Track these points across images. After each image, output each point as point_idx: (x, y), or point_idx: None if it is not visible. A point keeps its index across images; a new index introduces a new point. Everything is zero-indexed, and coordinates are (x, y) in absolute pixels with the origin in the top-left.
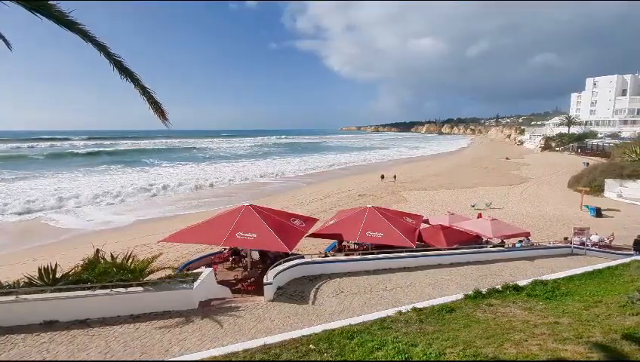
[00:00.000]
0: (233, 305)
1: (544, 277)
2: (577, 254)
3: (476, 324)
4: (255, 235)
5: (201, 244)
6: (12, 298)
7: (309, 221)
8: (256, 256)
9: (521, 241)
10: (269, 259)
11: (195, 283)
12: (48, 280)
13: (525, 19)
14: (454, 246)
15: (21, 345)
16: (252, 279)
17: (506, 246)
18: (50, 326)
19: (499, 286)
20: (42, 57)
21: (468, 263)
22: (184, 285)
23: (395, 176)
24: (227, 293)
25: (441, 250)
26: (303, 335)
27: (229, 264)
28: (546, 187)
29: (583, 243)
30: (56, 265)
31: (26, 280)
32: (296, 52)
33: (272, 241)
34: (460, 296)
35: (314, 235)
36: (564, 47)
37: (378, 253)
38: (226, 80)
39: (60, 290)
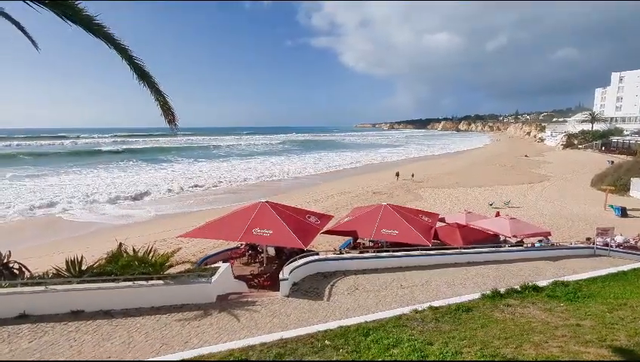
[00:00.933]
0: (250, 299)
1: (565, 278)
2: (600, 255)
3: (494, 324)
4: (271, 231)
5: (219, 240)
6: (42, 288)
7: (324, 218)
8: (272, 251)
9: (540, 241)
10: (284, 255)
11: (213, 278)
12: (75, 271)
13: (545, 11)
14: (471, 246)
15: (51, 333)
16: (268, 274)
17: (525, 245)
18: (76, 315)
19: (517, 287)
20: (67, 55)
21: (485, 262)
22: (202, 279)
23: (412, 175)
24: (244, 288)
25: (457, 249)
26: (319, 331)
27: (246, 259)
28: (567, 186)
29: (606, 244)
30: (82, 257)
31: (55, 272)
32: (312, 49)
33: (288, 238)
34: (477, 295)
35: (329, 232)
36: (586, 40)
37: (393, 251)
38: (242, 78)
39: (86, 282)
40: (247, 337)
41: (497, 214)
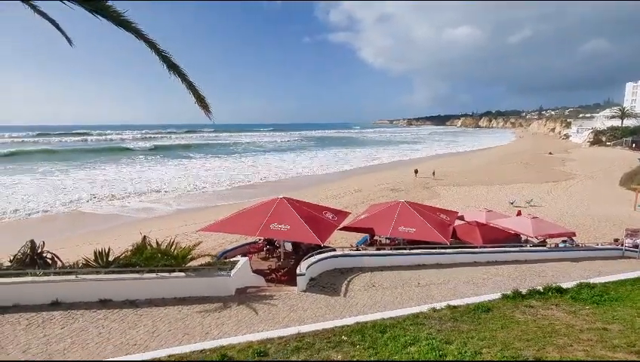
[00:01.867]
0: (267, 293)
1: (591, 280)
2: (630, 257)
3: (515, 325)
4: (288, 227)
5: (237, 234)
6: (73, 277)
7: (341, 214)
8: (289, 247)
9: (564, 241)
10: (301, 251)
11: (232, 271)
12: (103, 262)
13: (572, 2)
14: (491, 245)
15: (81, 320)
16: (285, 269)
17: (548, 246)
18: (104, 304)
19: (540, 288)
20: (96, 52)
21: (506, 262)
22: (222, 272)
23: (433, 173)
24: (262, 282)
25: (476, 248)
26: (336, 326)
27: (264, 254)
28: (594, 184)
29: (636, 246)
30: (109, 249)
31: (84, 262)
32: (330, 45)
33: (305, 233)
34: (497, 295)
35: (346, 228)
36: (618, 31)
37: (411, 249)
38: (260, 75)
39: (113, 272)
40: (265, 330)
41: (519, 213)
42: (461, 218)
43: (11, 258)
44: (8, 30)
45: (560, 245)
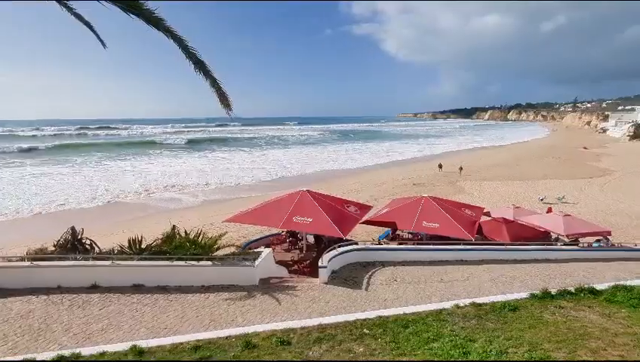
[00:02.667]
0: (290, 284)
1: (628, 283)
2: None
3: (543, 326)
4: (311, 220)
5: (262, 226)
6: (109, 263)
7: (364, 208)
8: (311, 239)
9: (599, 241)
10: (323, 243)
11: (257, 262)
12: (136, 249)
13: None
14: (519, 242)
15: (116, 303)
16: (307, 261)
17: (581, 245)
18: (137, 289)
19: (571, 288)
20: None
21: (534, 261)
22: (247, 263)
23: (460, 168)
24: (284, 273)
25: (503, 245)
26: (358, 319)
27: (286, 246)
28: (633, 181)
29: None
30: (141, 237)
31: (119, 249)
32: (352, 37)
33: (327, 226)
34: (525, 294)
35: (367, 222)
36: None
37: (434, 244)
38: (281, 69)
39: (145, 259)
40: (287, 320)
41: (549, 210)
42: (487, 214)
43: (55, 243)
44: (59, 31)
45: (594, 245)
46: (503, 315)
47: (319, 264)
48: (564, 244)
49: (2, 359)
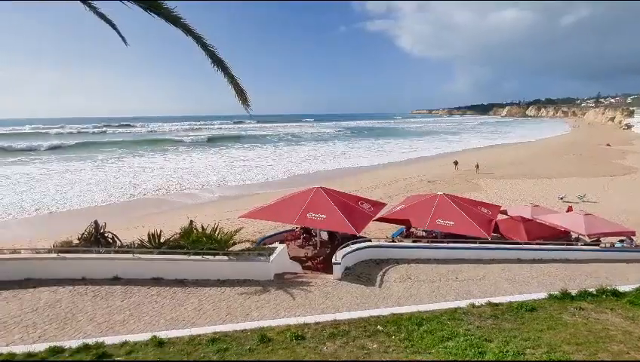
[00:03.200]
0: (304, 280)
1: None
2: None
3: (562, 328)
4: (325, 216)
5: (276, 222)
6: (130, 256)
7: (377, 205)
8: (325, 236)
9: (622, 241)
10: (336, 240)
11: (271, 257)
12: (155, 243)
13: None
14: (537, 241)
15: (137, 295)
16: (321, 257)
17: (603, 245)
18: (157, 282)
19: (592, 290)
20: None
21: (553, 261)
22: (262, 258)
23: (477, 165)
24: (298, 269)
25: (520, 244)
26: (371, 316)
27: (300, 242)
28: None
29: None
30: (160, 231)
31: (139, 242)
32: (366, 34)
33: (341, 223)
34: (543, 295)
35: (381, 219)
36: None
37: (449, 242)
38: (297, 67)
39: (164, 253)
40: (302, 315)
41: (570, 209)
42: (504, 212)
43: (79, 236)
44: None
45: (617, 245)
46: (520, 315)
47: (333, 260)
48: (585, 244)
49: (32, 345)
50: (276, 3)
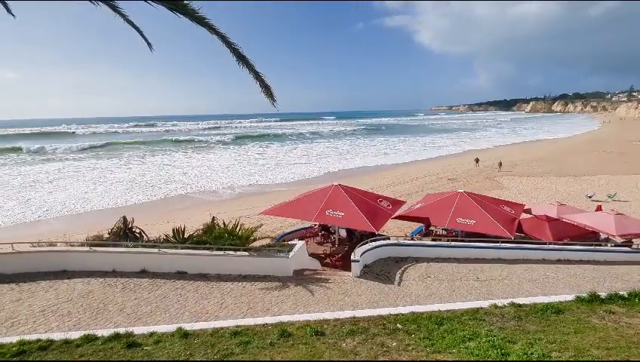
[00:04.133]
0: (323, 276)
1: None
2: None
3: (591, 331)
4: (343, 214)
5: (294, 219)
6: (156, 250)
7: (396, 203)
8: (343, 233)
9: None
10: (355, 238)
11: (291, 253)
12: (179, 238)
13: None
14: (563, 241)
15: (163, 288)
16: (340, 255)
17: (635, 246)
18: (181, 276)
19: (624, 293)
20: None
21: (580, 262)
22: (281, 254)
23: (500, 163)
24: (317, 265)
25: (546, 244)
26: (391, 314)
27: (319, 239)
28: None
29: None
30: (184, 227)
31: (164, 238)
32: (385, 30)
33: (359, 221)
34: (570, 297)
35: (400, 217)
36: None
37: (469, 241)
38: (313, 64)
39: (188, 248)
40: (321, 311)
41: (599, 208)
42: (528, 211)
43: (109, 231)
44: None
45: None
46: (545, 317)
47: (352, 257)
48: (616, 245)
49: (68, 332)
50: (293, 3)
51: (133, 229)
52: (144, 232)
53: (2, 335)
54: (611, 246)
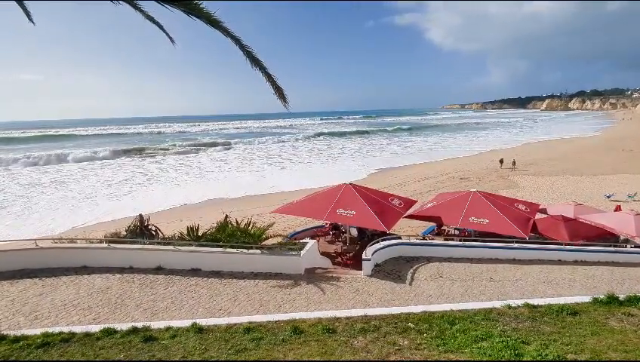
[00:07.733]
0: (334, 275)
1: None
2: None
3: (609, 334)
4: (354, 212)
5: (306, 218)
6: (171, 247)
7: (408, 202)
8: (354, 232)
9: None
10: (366, 237)
11: (302, 252)
12: (194, 236)
13: None
14: (579, 242)
15: (178, 284)
16: (351, 254)
17: None
18: (195, 272)
19: None
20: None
21: (598, 263)
22: (293, 252)
23: (513, 162)
24: (328, 264)
25: (561, 245)
26: (402, 313)
27: (330, 238)
28: None
29: None
30: (198, 225)
31: (179, 235)
32: (395, 28)
33: (371, 220)
34: (587, 298)
35: (412, 217)
36: None
37: (483, 241)
38: (322, 63)
39: (202, 246)
40: (332, 309)
41: (618, 208)
42: (543, 211)
43: (126, 229)
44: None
45: None
46: (560, 319)
47: (363, 256)
48: (636, 246)
49: (89, 326)
50: (302, 3)
51: (150, 227)
52: (160, 230)
53: (27, 328)
54: (631, 247)
